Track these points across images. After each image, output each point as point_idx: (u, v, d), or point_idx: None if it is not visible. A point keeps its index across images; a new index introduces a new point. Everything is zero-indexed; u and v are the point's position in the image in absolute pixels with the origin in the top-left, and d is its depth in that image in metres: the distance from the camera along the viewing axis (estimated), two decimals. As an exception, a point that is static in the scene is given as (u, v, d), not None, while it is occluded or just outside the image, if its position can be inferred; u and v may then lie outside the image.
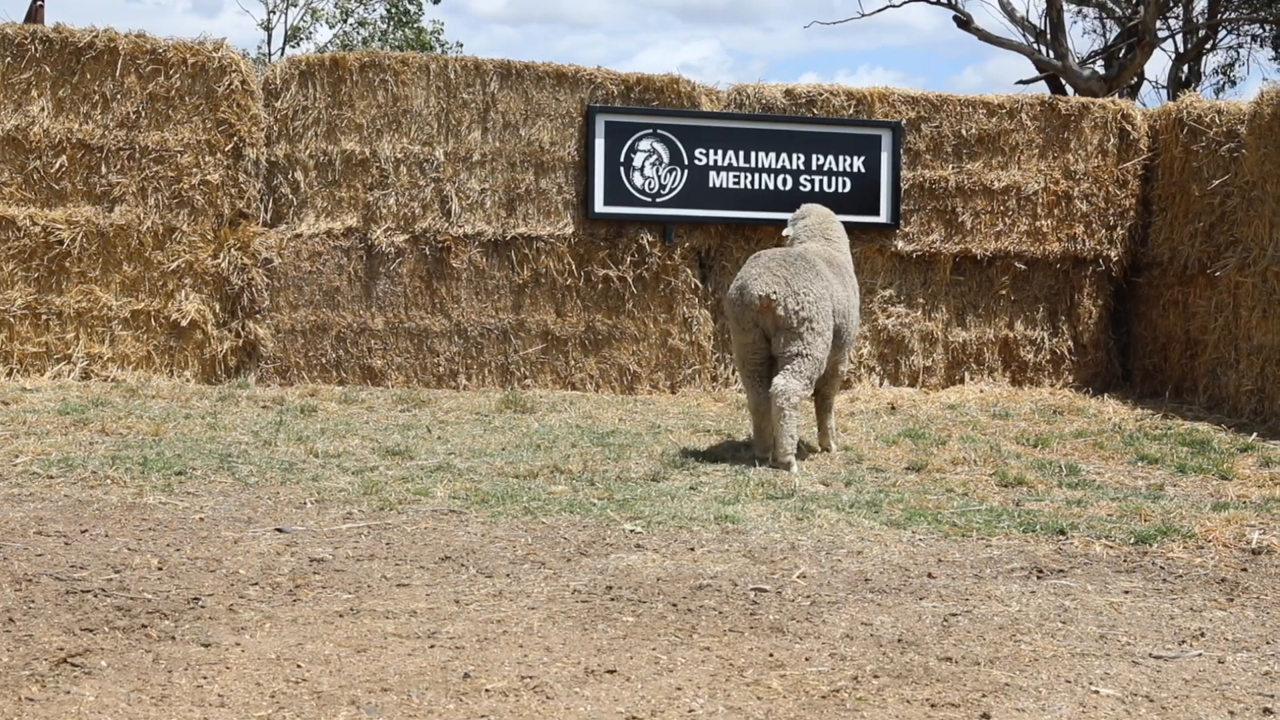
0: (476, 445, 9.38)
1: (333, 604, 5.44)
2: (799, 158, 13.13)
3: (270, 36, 36.98)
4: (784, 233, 10.09)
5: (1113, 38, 28.01)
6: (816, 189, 13.15)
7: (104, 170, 11.79)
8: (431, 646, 4.91)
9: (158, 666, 4.59)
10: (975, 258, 13.68)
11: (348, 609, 5.37)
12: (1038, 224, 13.78)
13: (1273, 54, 28.73)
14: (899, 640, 5.19)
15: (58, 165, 11.67)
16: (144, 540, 6.39)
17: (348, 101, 12.33)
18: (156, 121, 11.89)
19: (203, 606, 5.33)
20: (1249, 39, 29.30)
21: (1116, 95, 20.45)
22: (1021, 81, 27.87)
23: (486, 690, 4.46)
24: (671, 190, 12.84)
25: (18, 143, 11.62)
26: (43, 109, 11.66)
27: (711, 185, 12.95)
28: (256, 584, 5.70)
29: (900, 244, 13.47)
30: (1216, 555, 6.80)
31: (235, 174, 12.03)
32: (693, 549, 6.60)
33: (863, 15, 27.87)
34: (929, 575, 6.25)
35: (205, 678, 4.50)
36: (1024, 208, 13.74)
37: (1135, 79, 26.43)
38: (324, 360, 12.30)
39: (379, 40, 36.11)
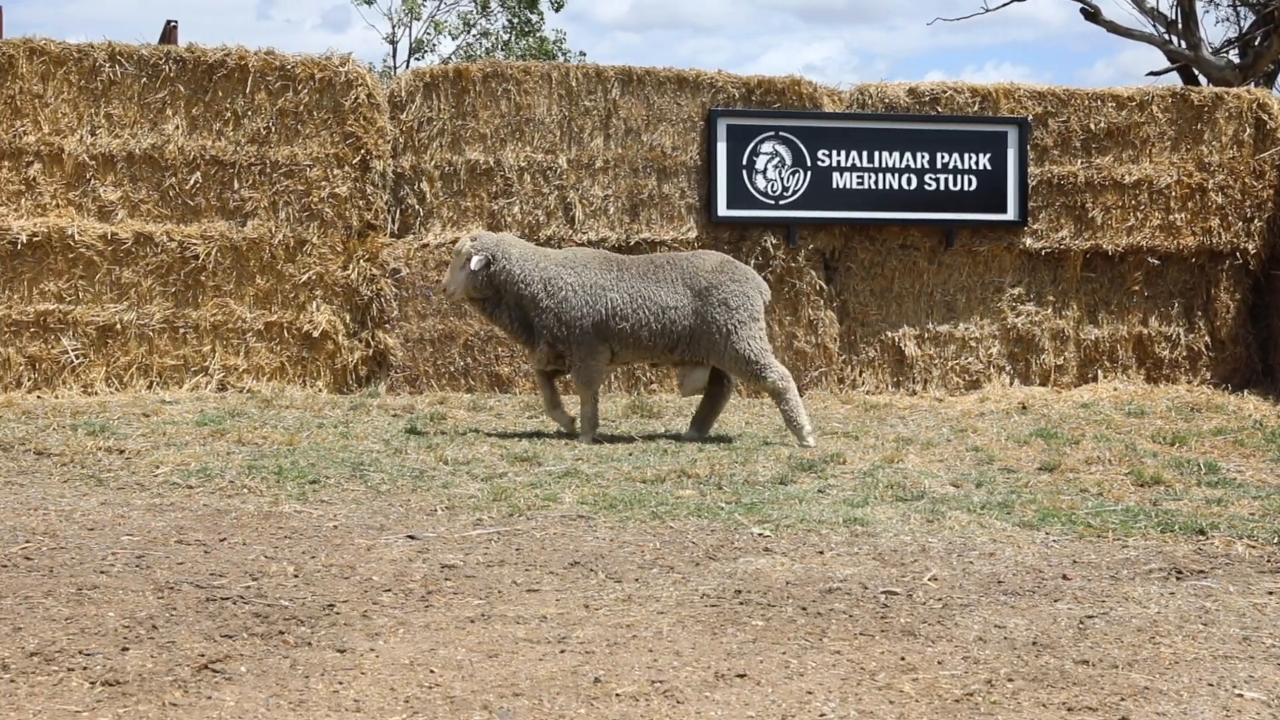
0: (604, 451, 9.41)
1: (464, 609, 5.49)
2: (923, 157, 13.00)
3: (395, 50, 37.48)
4: None
5: (1247, 25, 27.30)
6: (941, 188, 13.02)
7: (236, 185, 12.05)
8: (562, 651, 4.93)
9: (295, 672, 4.67)
10: (1106, 253, 13.44)
11: (479, 614, 5.42)
12: (1171, 218, 13.50)
13: None
14: (1034, 643, 5.10)
15: (192, 182, 11.96)
16: (280, 548, 6.51)
17: (471, 112, 12.46)
18: (286, 136, 12.13)
19: (338, 613, 5.41)
20: (1390, 22, 28.36)
21: (1252, 84, 19.95)
22: (1152, 73, 27.32)
23: (617, 695, 4.47)
24: (794, 192, 12.79)
25: (154, 161, 11.92)
26: (177, 127, 11.95)
27: (835, 186, 12.87)
28: (389, 590, 5.77)
29: (1028, 241, 13.28)
30: (1364, 555, 6.60)
31: (363, 186, 12.22)
32: (822, 552, 6.56)
33: (986, 10, 27.43)
34: (1064, 577, 6.14)
35: (341, 683, 4.56)
36: (1156, 201, 13.47)
37: (1271, 67, 25.72)
38: (452, 368, 12.43)
39: (501, 50, 36.44)
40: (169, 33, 14.11)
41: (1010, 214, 13.15)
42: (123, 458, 8.78)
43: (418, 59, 36.86)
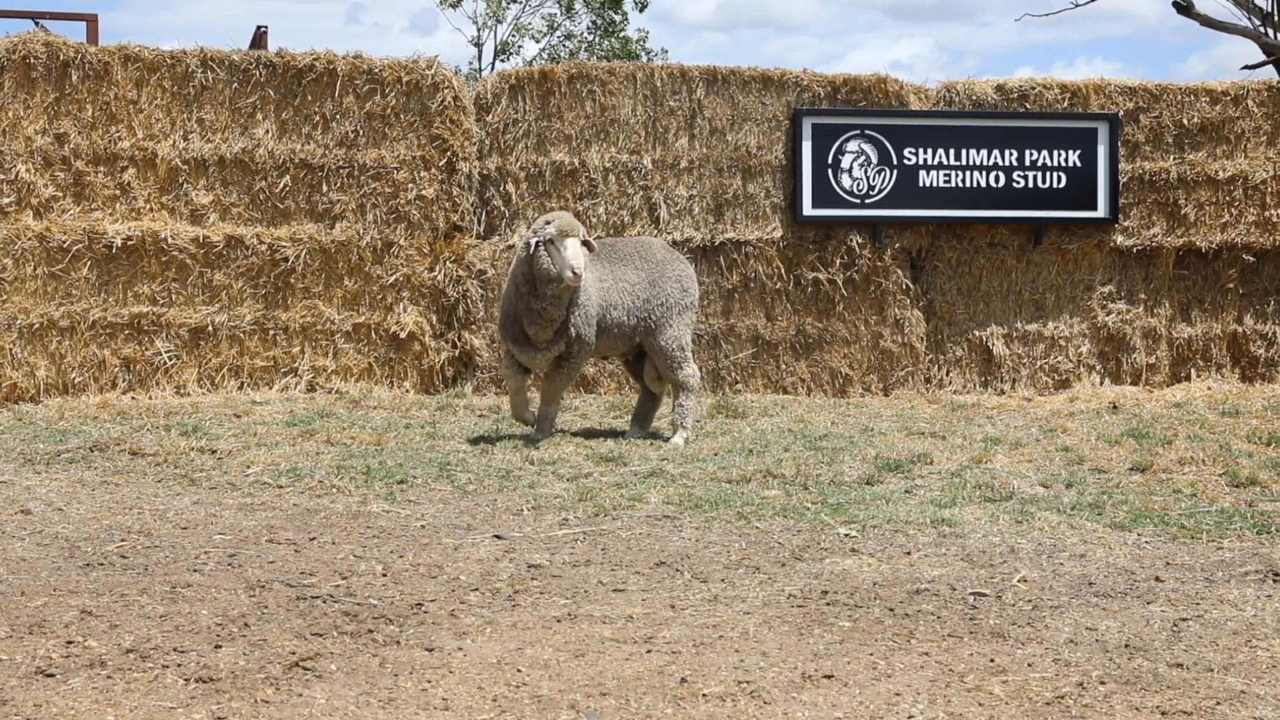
0: (689, 451, 9.40)
1: (550, 609, 5.51)
2: (1011, 154, 12.87)
3: (480, 52, 37.71)
4: None
5: (1344, 16, 26.74)
6: (1030, 185, 12.88)
7: (325, 189, 12.17)
8: (648, 651, 4.94)
9: (384, 670, 4.72)
10: (1200, 250, 13.22)
11: (565, 614, 5.44)
12: (1267, 214, 13.26)
13: None
14: (1126, 646, 5.04)
15: (281, 185, 12.10)
16: (369, 547, 6.57)
17: (556, 113, 12.50)
18: (374, 139, 12.23)
19: (425, 612, 5.45)
20: None
21: (1349, 77, 19.50)
22: (1248, 66, 26.77)
23: (703, 695, 4.46)
24: (880, 191, 12.71)
25: (244, 165, 12.07)
26: (267, 131, 12.09)
27: (921, 185, 12.77)
28: (476, 589, 5.81)
29: (1119, 239, 13.09)
30: None
31: (449, 188, 12.30)
32: (909, 553, 6.51)
33: (1076, 6, 27.04)
34: (1156, 579, 6.06)
35: (429, 681, 4.60)
36: (1251, 197, 13.24)
37: (1369, 59, 25.18)
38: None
39: (585, 51, 36.56)
40: (259, 38, 14.29)
41: (1100, 211, 12.97)
42: (214, 458, 8.90)
43: (503, 61, 37.08)
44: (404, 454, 9.08)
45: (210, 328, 11.94)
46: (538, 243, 9.11)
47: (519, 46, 37.57)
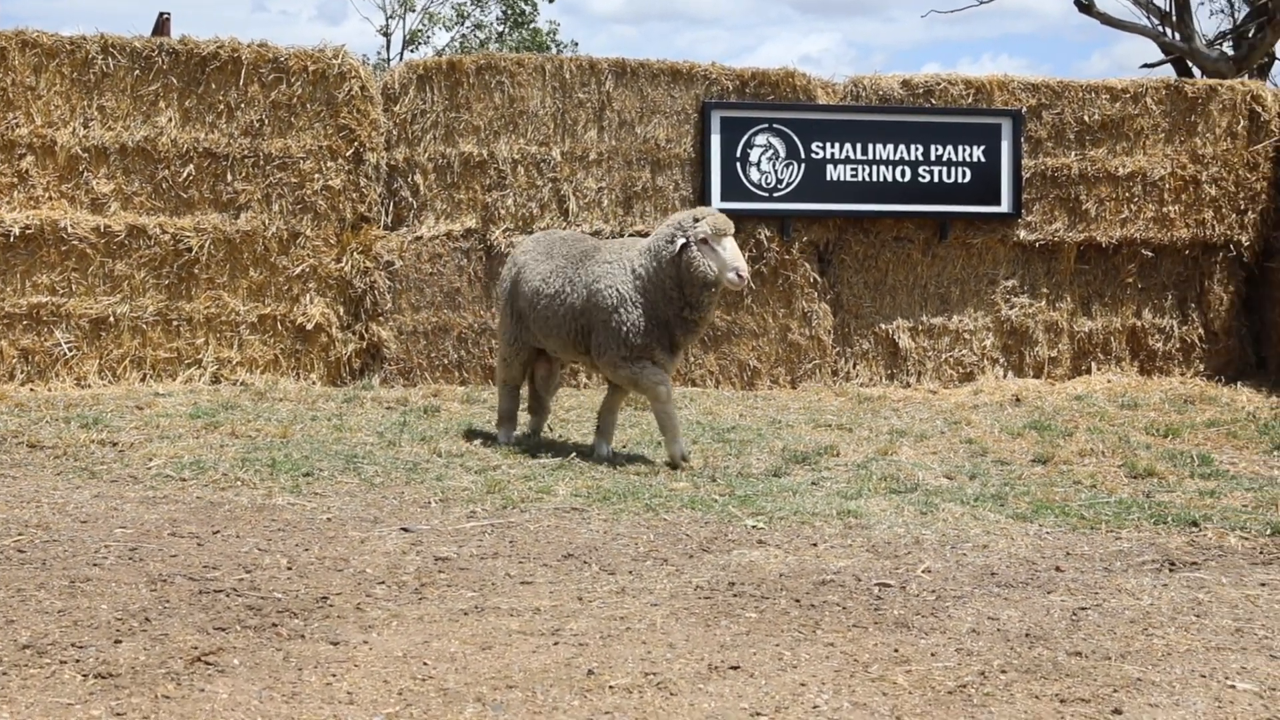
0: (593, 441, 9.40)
1: (458, 602, 5.49)
2: (917, 149, 13.00)
3: (389, 42, 37.44)
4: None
5: (1241, 17, 27.30)
6: (935, 180, 13.01)
7: (229, 178, 12.02)
8: (555, 644, 4.94)
9: (288, 664, 4.67)
10: (1100, 246, 13.44)
11: (473, 607, 5.42)
12: (1165, 210, 13.51)
13: None
14: (1027, 635, 5.11)
15: (185, 174, 11.92)
16: (274, 540, 6.50)
17: (465, 104, 12.44)
18: (279, 129, 12.10)
19: (331, 605, 5.41)
20: (1384, 14, 28.37)
21: (1246, 76, 19.97)
22: (1147, 65, 27.30)
23: (610, 687, 4.47)
24: (788, 184, 12.78)
25: (147, 153, 11.89)
26: (170, 119, 11.91)
27: (829, 178, 12.86)
28: (383, 583, 5.78)
29: (1022, 233, 13.27)
30: (1357, 546, 6.61)
31: (356, 179, 12.20)
32: (815, 544, 6.56)
33: (981, 3, 27.43)
34: (1057, 569, 6.15)
35: (334, 675, 4.57)
36: (1150, 194, 13.47)
37: (1266, 59, 25.71)
38: (446, 361, 12.42)
39: (495, 42, 36.41)
40: (162, 25, 14.08)
41: (1004, 206, 13.15)
42: (116, 450, 8.77)
43: (411, 51, 36.83)
44: (310, 446, 9.00)
45: (112, 318, 11.75)
46: (687, 242, 8.21)
47: (428, 36, 37.35)
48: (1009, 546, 6.57)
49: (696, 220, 8.27)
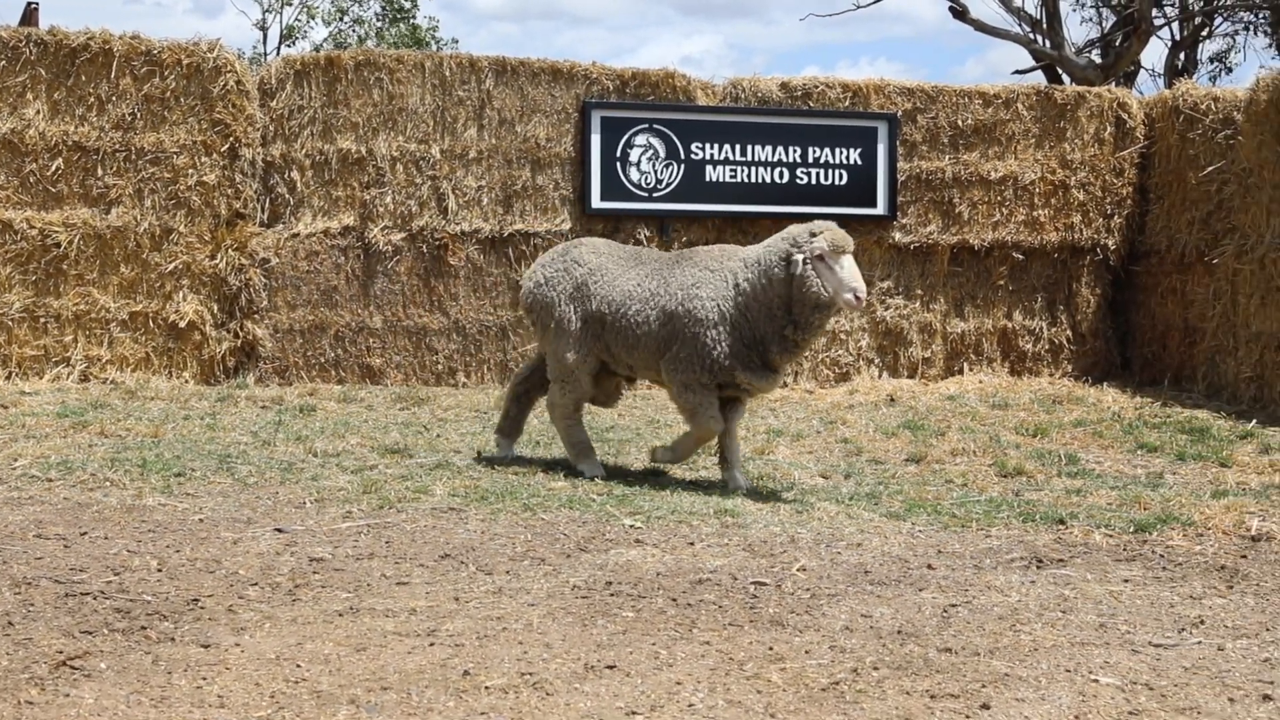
0: (476, 443, 9.37)
1: (332, 603, 5.44)
2: (795, 151, 13.12)
3: (266, 36, 36.92)
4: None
5: (1109, 26, 28.01)
6: (813, 182, 13.15)
7: (100, 172, 11.78)
8: (431, 644, 4.91)
9: (157, 668, 4.59)
10: (973, 248, 13.68)
11: (347, 608, 5.37)
12: (1035, 214, 13.78)
13: (1268, 41, 28.70)
14: (899, 632, 5.19)
15: (54, 168, 11.67)
16: (143, 542, 6.39)
17: (343, 100, 12.32)
18: (152, 123, 11.88)
19: (202, 607, 5.33)
20: (1244, 26, 29.29)
21: (1113, 84, 20.44)
22: (1018, 71, 27.85)
23: (486, 687, 4.46)
24: (668, 185, 12.84)
25: (14, 146, 11.61)
26: (38, 112, 11.65)
27: (708, 179, 12.94)
28: (256, 584, 5.70)
29: (897, 235, 13.46)
30: (1216, 543, 6.81)
31: (231, 174, 12.02)
32: (692, 543, 6.60)
33: (858, 7, 27.74)
34: (928, 566, 6.25)
35: (205, 678, 4.50)
36: (1021, 197, 13.74)
37: (1132, 67, 26.40)
38: (322, 359, 12.30)
39: (374, 38, 36.08)
40: (30, 15, 13.77)
41: (880, 208, 13.33)
42: (-20, 450, 8.55)
43: (289, 46, 36.35)
44: (182, 446, 8.86)
45: (-24, 315, 11.46)
46: (804, 259, 7.52)
47: (305, 31, 36.91)
48: (882, 545, 6.66)
49: (813, 235, 7.51)
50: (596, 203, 12.66)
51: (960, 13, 25.89)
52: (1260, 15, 28.08)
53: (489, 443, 9.12)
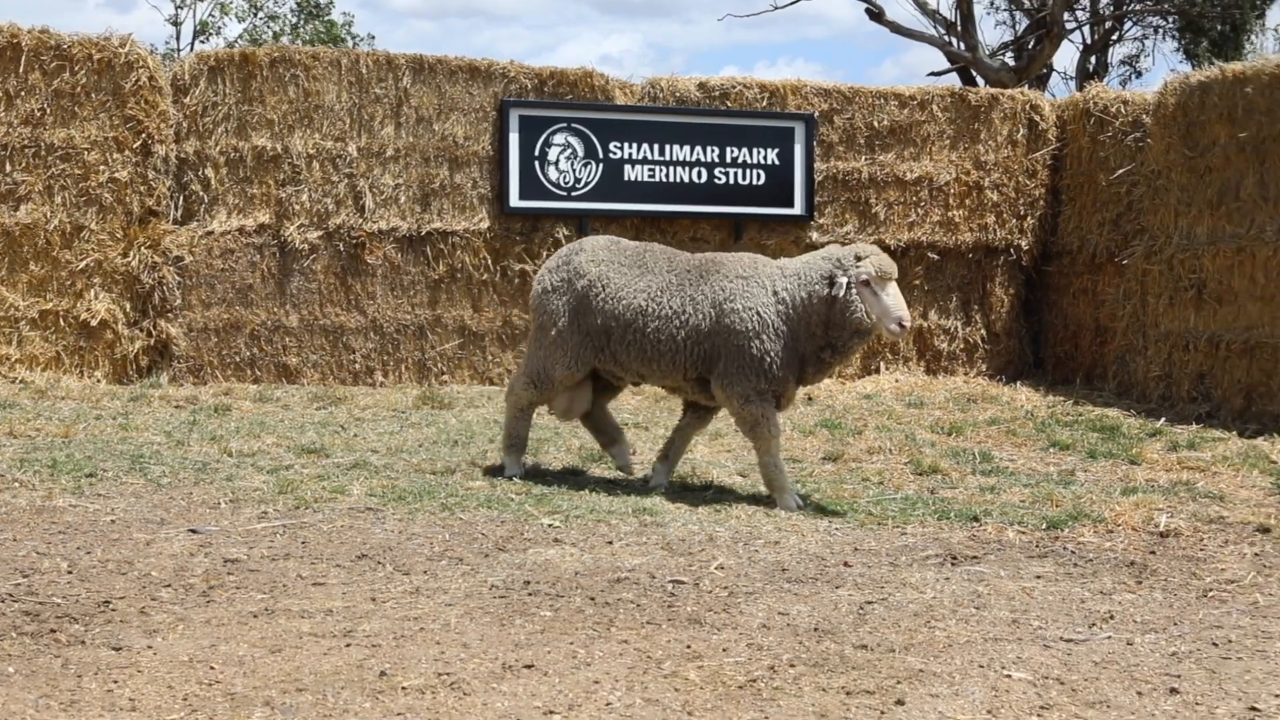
0: (393, 442, 9.32)
1: (247, 604, 5.39)
2: (713, 151, 13.17)
3: (179, 32, 36.45)
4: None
5: (1022, 29, 28.35)
6: (731, 181, 13.20)
7: (8, 169, 11.57)
8: (347, 645, 4.88)
9: (67, 671, 4.52)
10: (889, 248, 13.77)
11: (262, 609, 5.32)
12: (950, 214, 13.93)
13: (1176, 45, 29.18)
14: (815, 629, 5.22)
15: (-39, 164, 11.45)
16: (53, 544, 6.29)
17: (258, 97, 12.20)
18: (62, 119, 11.69)
19: (114, 610, 5.26)
20: (1153, 30, 29.77)
21: (1026, 86, 20.72)
22: (933, 73, 28.16)
23: (403, 688, 4.43)
24: (587, 184, 12.83)
25: (-81, 141, 11.39)
26: (-56, 106, 11.43)
27: (626, 179, 12.95)
28: (169, 586, 5.63)
29: (815, 235, 13.54)
30: (1126, 539, 6.92)
31: (144, 171, 11.86)
32: (611, 542, 6.60)
33: (776, 8, 27.90)
34: (845, 564, 6.30)
35: (116, 682, 4.44)
36: (936, 198, 13.88)
37: (1044, 70, 26.76)
38: (238, 359, 12.17)
39: (289, 35, 35.75)
40: (-64, 7, 13.49)
41: (797, 208, 13.40)
42: (-116, 451, 8.38)
43: (202, 42, 35.92)
44: (93, 446, 8.73)
45: (-120, 313, 11.23)
46: (849, 282, 7.32)
47: (219, 27, 36.46)
48: (800, 543, 6.70)
49: (859, 259, 7.32)
50: (515, 202, 12.63)
51: (876, 15, 26.12)
52: (1169, 20, 28.56)
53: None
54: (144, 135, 11.80)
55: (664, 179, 13.06)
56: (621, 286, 7.86)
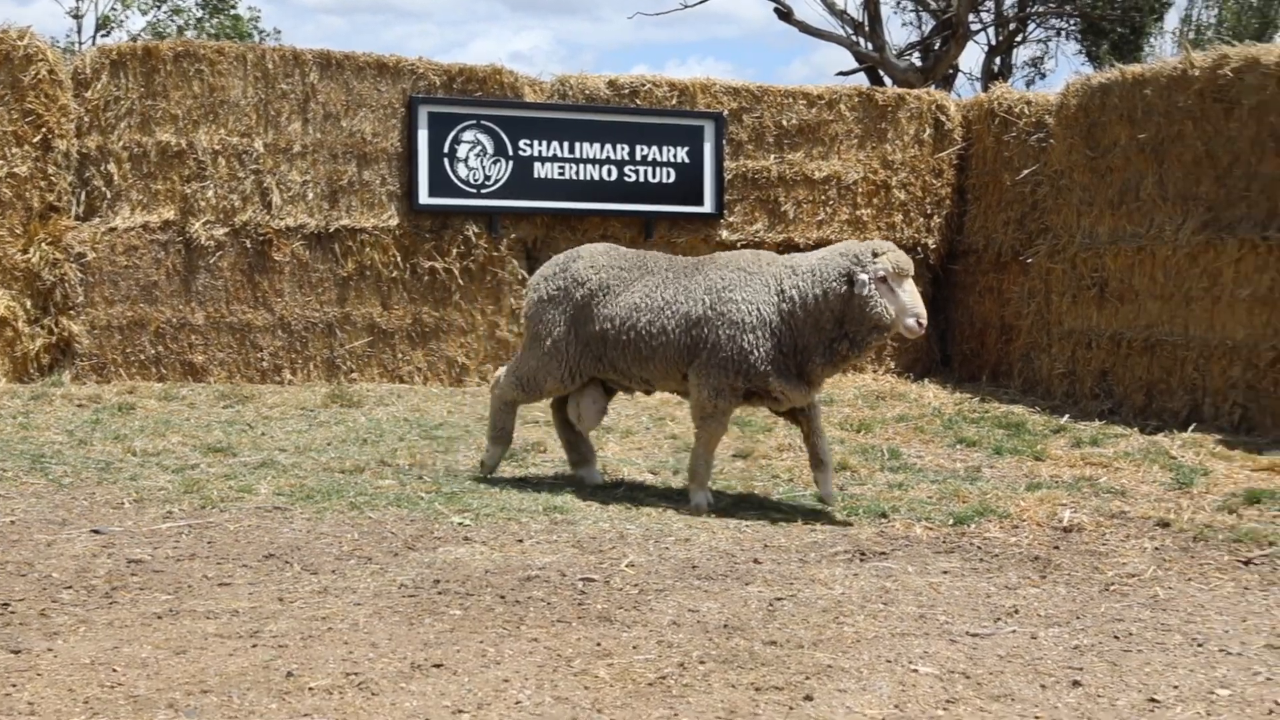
0: (302, 441, 9.24)
1: (151, 605, 5.31)
2: (623, 148, 13.17)
3: (80, 25, 35.83)
4: None
5: (928, 30, 28.64)
6: (641, 179, 13.22)
7: (-96, 163, 11.33)
8: (254, 646, 4.82)
9: (-35, 676, 4.44)
10: (799, 246, 13.85)
11: (167, 610, 5.25)
12: (858, 213, 14.04)
13: (1078, 47, 29.63)
14: (725, 626, 5.24)
15: None
16: (-49, 546, 6.16)
17: (162, 92, 12.03)
18: (-41, 112, 11.46)
19: (13, 612, 5.16)
20: (1056, 33, 30.20)
21: (932, 86, 20.93)
22: (842, 73, 28.37)
23: (310, 689, 4.39)
24: (496, 181, 12.79)
25: None
26: None
27: (536, 176, 12.92)
28: (70, 587, 5.54)
29: (725, 234, 13.59)
30: (1030, 534, 7.01)
31: (44, 166, 11.65)
32: (521, 540, 6.59)
33: (686, 6, 27.96)
34: (755, 561, 6.33)
35: (14, 685, 4.35)
36: (844, 197, 13.98)
37: (950, 71, 27.04)
38: (142, 357, 11.99)
39: (194, 29, 35.25)
40: None
41: (707, 207, 13.45)
42: None
43: (104, 35, 35.33)
44: (-8, 447, 8.57)
45: None
46: (869, 279, 7.16)
47: (122, 20, 35.89)
48: (710, 540, 6.73)
49: (876, 255, 7.17)
50: (424, 199, 12.56)
51: (785, 14, 26.27)
52: (1071, 22, 28.98)
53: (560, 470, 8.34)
54: (44, 130, 11.60)
55: (574, 177, 13.05)
56: (620, 291, 7.71)
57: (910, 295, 7.18)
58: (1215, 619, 5.49)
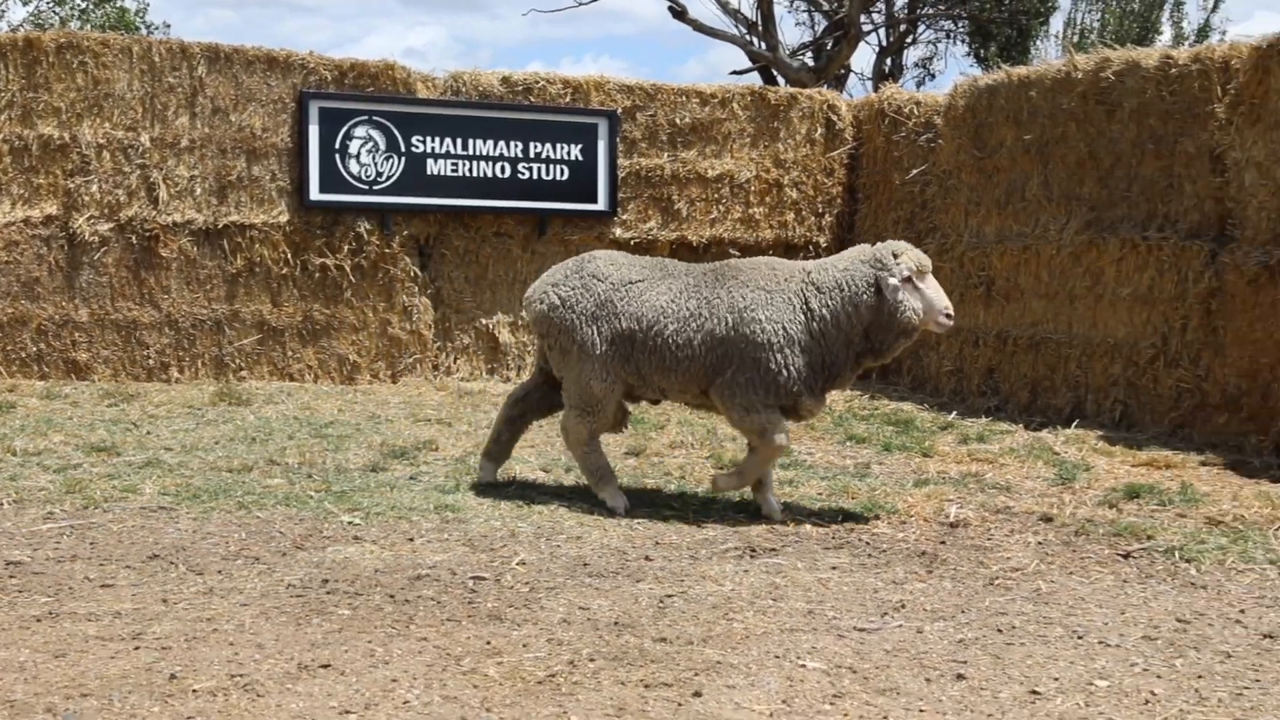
0: (189, 440, 9.10)
1: (30, 608, 5.21)
2: (517, 146, 13.13)
3: (-39, 15, 34.97)
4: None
5: (821, 30, 28.87)
6: (534, 177, 13.19)
7: None
8: (136, 648, 4.75)
9: None
10: (691, 244, 13.93)
11: (46, 613, 5.15)
12: (750, 211, 14.12)
13: (967, 49, 30.02)
14: (615, 623, 5.25)
15: None
16: None
17: (44, 84, 11.78)
18: None
19: (-114, 617, 5.04)
20: (946, 35, 30.58)
21: (824, 86, 21.12)
22: (735, 72, 28.50)
23: (194, 691, 4.33)
24: (389, 178, 12.69)
25: None
26: None
27: (429, 173, 12.84)
28: (-53, 591, 5.42)
29: (618, 231, 13.61)
30: (918, 530, 7.11)
31: (-78, 159, 11.37)
32: (412, 539, 6.55)
33: (580, 4, 27.94)
34: (646, 558, 6.35)
35: (-112, 692, 4.26)
36: (737, 195, 14.06)
37: (842, 71, 27.28)
38: (23, 354, 11.74)
39: (78, 20, 34.58)
40: None
41: (601, 204, 13.45)
42: None
43: (-14, 25, 34.52)
44: None
45: None
46: (897, 285, 6.97)
47: (2, 10, 35.11)
48: (602, 537, 6.73)
49: (896, 256, 7.00)
50: (315, 195, 12.43)
51: (679, 13, 26.34)
52: (960, 24, 29.37)
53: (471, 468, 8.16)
54: (-79, 121, 11.31)
55: (467, 173, 12.99)
56: (645, 289, 7.40)
57: (934, 290, 7.03)
58: (1095, 612, 5.60)
